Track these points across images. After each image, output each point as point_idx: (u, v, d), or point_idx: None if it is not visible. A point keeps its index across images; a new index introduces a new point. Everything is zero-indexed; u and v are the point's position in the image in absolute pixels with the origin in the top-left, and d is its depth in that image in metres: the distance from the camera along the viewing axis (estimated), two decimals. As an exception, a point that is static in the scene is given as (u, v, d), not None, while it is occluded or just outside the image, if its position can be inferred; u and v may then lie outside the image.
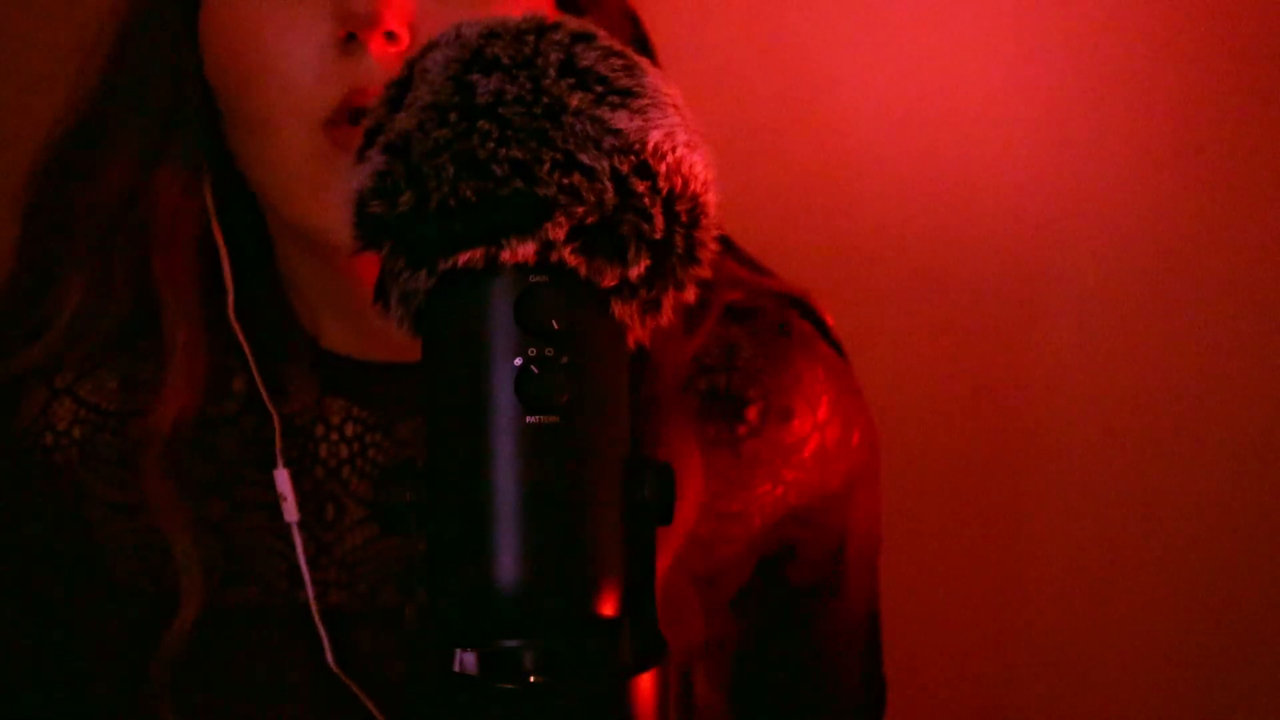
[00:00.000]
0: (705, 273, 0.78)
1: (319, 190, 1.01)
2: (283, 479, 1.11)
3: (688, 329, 1.12)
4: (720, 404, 1.13)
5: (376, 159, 0.77)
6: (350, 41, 0.99)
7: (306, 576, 1.11)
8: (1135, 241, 1.56)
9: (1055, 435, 1.59)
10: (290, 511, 1.11)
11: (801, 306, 1.19)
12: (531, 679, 0.76)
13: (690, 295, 0.79)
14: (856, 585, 1.18)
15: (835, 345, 1.19)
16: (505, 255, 0.75)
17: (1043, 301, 1.58)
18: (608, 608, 0.77)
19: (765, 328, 1.15)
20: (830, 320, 1.19)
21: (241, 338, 1.12)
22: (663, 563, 1.04)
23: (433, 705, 0.77)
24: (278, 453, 1.12)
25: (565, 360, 0.76)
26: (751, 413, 1.13)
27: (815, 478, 1.14)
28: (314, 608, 1.11)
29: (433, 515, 0.77)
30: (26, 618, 1.16)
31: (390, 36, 0.99)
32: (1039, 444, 1.59)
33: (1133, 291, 1.56)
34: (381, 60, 0.99)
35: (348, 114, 0.99)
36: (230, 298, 1.12)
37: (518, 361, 0.75)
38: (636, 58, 0.78)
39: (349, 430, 1.13)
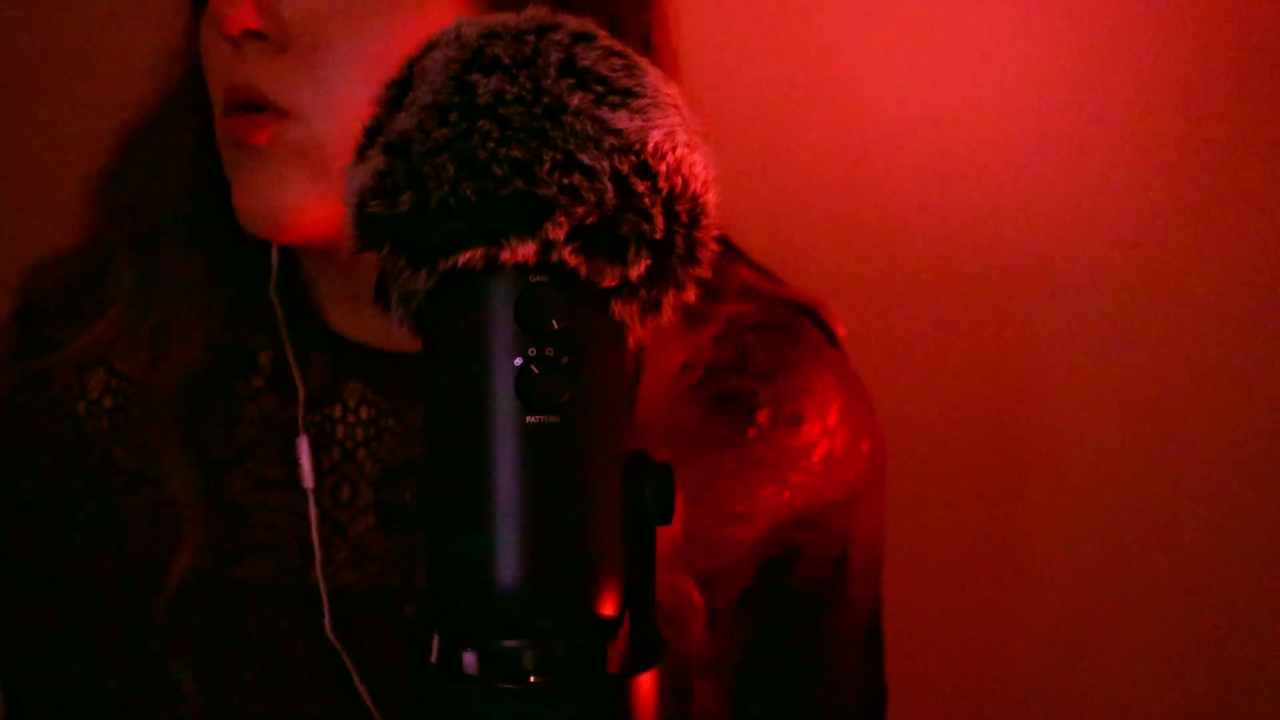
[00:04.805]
0: (705, 272, 0.78)
1: (229, 177, 1.06)
2: (303, 446, 1.13)
3: (683, 335, 1.12)
4: (730, 406, 1.14)
5: (376, 159, 0.77)
6: (229, 40, 1.03)
7: (316, 543, 1.13)
8: (1141, 242, 1.57)
9: (1059, 436, 1.59)
10: (307, 479, 1.13)
11: (813, 315, 1.20)
12: (531, 679, 0.76)
13: (690, 295, 0.79)
14: (858, 591, 1.19)
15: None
16: (505, 255, 0.75)
17: (1048, 301, 1.58)
18: (608, 607, 0.77)
19: (778, 334, 1.16)
20: (842, 331, 1.20)
21: (280, 313, 1.15)
22: (662, 564, 1.04)
23: (433, 705, 0.77)
24: (300, 420, 1.14)
25: (565, 360, 0.76)
26: (762, 416, 1.14)
27: (822, 483, 1.15)
28: (320, 575, 1.12)
29: (433, 515, 0.77)
30: (44, 581, 1.18)
31: (257, 35, 1.02)
32: (1042, 445, 1.60)
33: (1139, 292, 1.57)
34: (252, 54, 1.03)
35: (232, 107, 1.04)
36: (273, 275, 1.15)
37: (518, 361, 0.75)
38: (637, 58, 0.78)
39: (364, 414, 1.15)
